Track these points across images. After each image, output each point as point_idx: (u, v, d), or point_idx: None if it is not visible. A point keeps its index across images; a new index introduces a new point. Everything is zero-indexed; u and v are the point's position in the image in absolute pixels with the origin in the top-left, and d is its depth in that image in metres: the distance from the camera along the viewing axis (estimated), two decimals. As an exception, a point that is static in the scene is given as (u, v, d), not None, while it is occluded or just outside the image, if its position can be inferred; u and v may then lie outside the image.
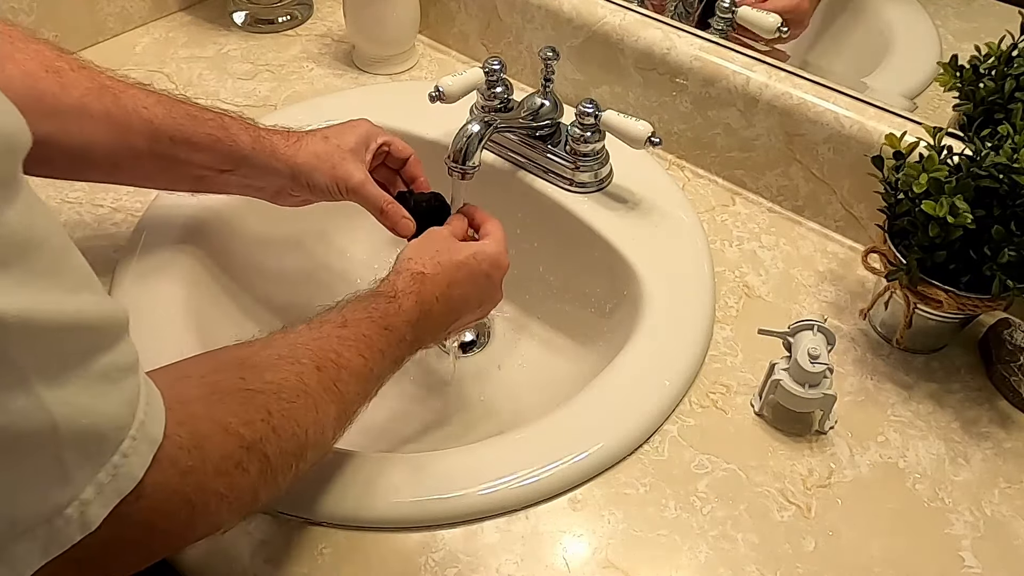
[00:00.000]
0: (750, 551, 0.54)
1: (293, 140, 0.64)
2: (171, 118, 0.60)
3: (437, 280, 0.58)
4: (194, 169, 0.62)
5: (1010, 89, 0.60)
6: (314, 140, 0.65)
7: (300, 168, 0.63)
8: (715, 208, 0.78)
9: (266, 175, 0.64)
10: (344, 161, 0.64)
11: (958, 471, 0.59)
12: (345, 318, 0.53)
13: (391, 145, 0.68)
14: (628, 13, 0.81)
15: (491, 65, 0.74)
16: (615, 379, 0.61)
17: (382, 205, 0.64)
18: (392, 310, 0.55)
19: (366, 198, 0.64)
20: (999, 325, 0.66)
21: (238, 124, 0.63)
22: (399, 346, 0.55)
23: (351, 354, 0.50)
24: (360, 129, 0.67)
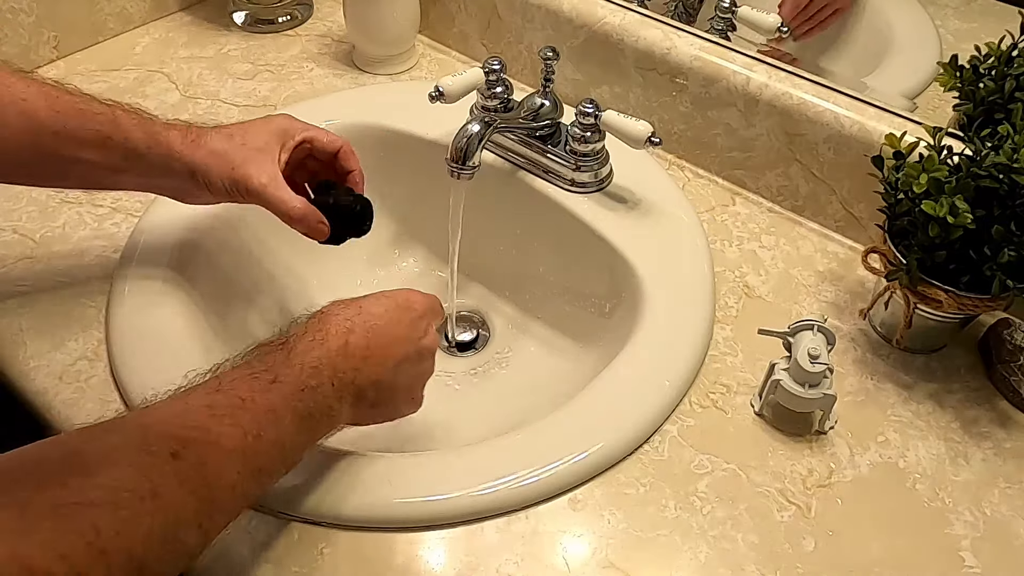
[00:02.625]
0: (750, 551, 0.54)
1: (192, 137, 0.59)
2: (54, 112, 0.54)
3: (347, 310, 0.52)
4: (83, 168, 0.57)
5: (1010, 89, 0.60)
6: (216, 138, 0.59)
7: (197, 167, 0.58)
8: (715, 208, 0.78)
9: (163, 175, 0.59)
10: (247, 161, 0.58)
11: (958, 471, 0.59)
12: (220, 381, 0.45)
13: (313, 141, 0.62)
14: (628, 13, 0.81)
15: (491, 65, 0.74)
16: (615, 379, 0.61)
17: (288, 210, 0.59)
18: (280, 359, 0.48)
19: (269, 202, 0.59)
20: (999, 325, 0.66)
21: (131, 119, 0.58)
22: (302, 398, 0.47)
23: (223, 427, 0.42)
24: (273, 125, 0.61)
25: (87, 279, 0.68)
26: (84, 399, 0.60)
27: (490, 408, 0.73)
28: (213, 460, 0.41)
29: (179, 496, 0.39)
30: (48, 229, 0.72)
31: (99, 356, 0.62)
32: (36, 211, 0.73)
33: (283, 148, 0.61)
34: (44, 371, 0.61)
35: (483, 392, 0.75)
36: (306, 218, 0.59)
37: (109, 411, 0.59)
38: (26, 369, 0.62)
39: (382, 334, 0.52)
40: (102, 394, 0.60)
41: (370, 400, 0.52)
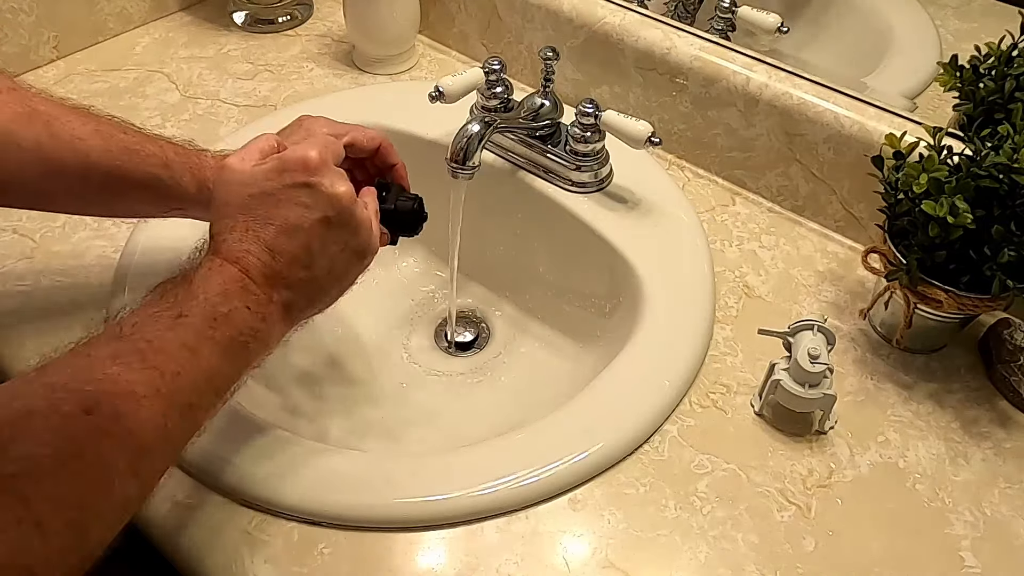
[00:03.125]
0: (750, 551, 0.54)
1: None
2: (107, 152, 0.55)
3: (235, 227, 0.48)
4: (134, 205, 0.59)
5: (1010, 89, 0.60)
6: None
7: None
8: (715, 208, 0.78)
9: (200, 211, 0.59)
10: None
11: (958, 471, 0.59)
12: (121, 327, 0.43)
13: (354, 144, 0.61)
14: (628, 13, 0.81)
15: (491, 65, 0.74)
16: (615, 379, 0.61)
17: None
18: (183, 294, 0.45)
19: None
20: (999, 325, 0.66)
21: (182, 161, 0.58)
22: (216, 327, 0.45)
23: (133, 373, 0.40)
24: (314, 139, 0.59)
25: (87, 279, 0.68)
26: (84, 399, 0.60)
27: (490, 408, 0.73)
28: (130, 409, 0.39)
29: (106, 451, 0.38)
30: (48, 229, 0.72)
31: (99, 356, 0.62)
32: (36, 212, 0.73)
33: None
34: (44, 371, 0.61)
35: (483, 392, 0.75)
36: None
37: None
38: (26, 369, 0.61)
39: (283, 231, 0.49)
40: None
41: (302, 303, 0.50)
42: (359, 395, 0.74)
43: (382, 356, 0.77)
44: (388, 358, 0.77)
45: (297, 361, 0.74)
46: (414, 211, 0.61)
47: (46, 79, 0.88)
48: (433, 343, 0.79)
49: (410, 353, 0.78)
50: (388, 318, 0.80)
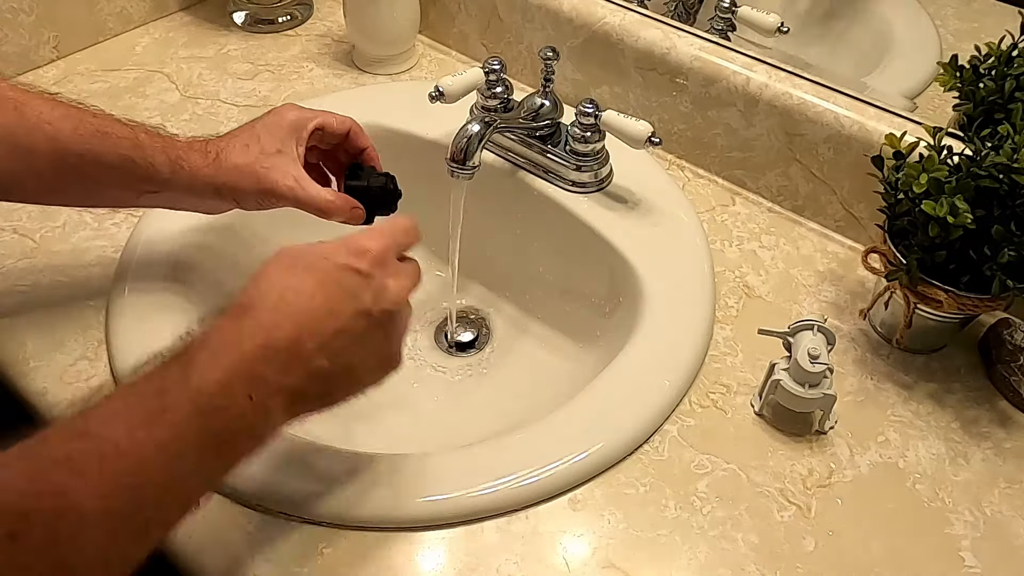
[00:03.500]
0: (750, 551, 0.54)
1: (212, 157, 0.59)
2: (78, 135, 0.54)
3: (267, 293, 0.43)
4: (108, 191, 0.58)
5: (1010, 89, 0.60)
6: (234, 152, 0.59)
7: (223, 187, 0.59)
8: (715, 208, 0.78)
9: (189, 198, 0.59)
10: (270, 169, 0.58)
11: (958, 471, 0.59)
12: (88, 421, 0.37)
13: (324, 127, 0.62)
14: (628, 13, 0.81)
15: (491, 65, 0.74)
16: (615, 379, 0.61)
17: (321, 206, 0.59)
18: (175, 378, 0.39)
19: (300, 203, 0.59)
20: (999, 325, 0.66)
21: (154, 142, 0.57)
22: (204, 425, 0.38)
23: (86, 486, 0.34)
24: (285, 123, 0.60)
25: (87, 279, 0.68)
26: (84, 399, 0.60)
27: (490, 408, 0.73)
28: (68, 533, 0.33)
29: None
30: (48, 229, 0.72)
31: (99, 356, 0.62)
32: (36, 211, 0.73)
33: (298, 142, 0.60)
34: (44, 371, 0.61)
35: (483, 392, 0.75)
36: (341, 209, 0.60)
37: (109, 411, 0.59)
38: (26, 369, 0.62)
39: (316, 315, 0.43)
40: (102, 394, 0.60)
41: (311, 397, 0.44)
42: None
43: (382, 356, 0.77)
44: (388, 358, 0.77)
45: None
46: (387, 189, 0.63)
47: (46, 79, 0.88)
48: (433, 343, 0.79)
49: (410, 353, 0.78)
50: (388, 318, 0.80)
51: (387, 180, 0.64)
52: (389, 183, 0.64)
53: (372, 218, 0.63)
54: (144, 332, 0.62)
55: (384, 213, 0.64)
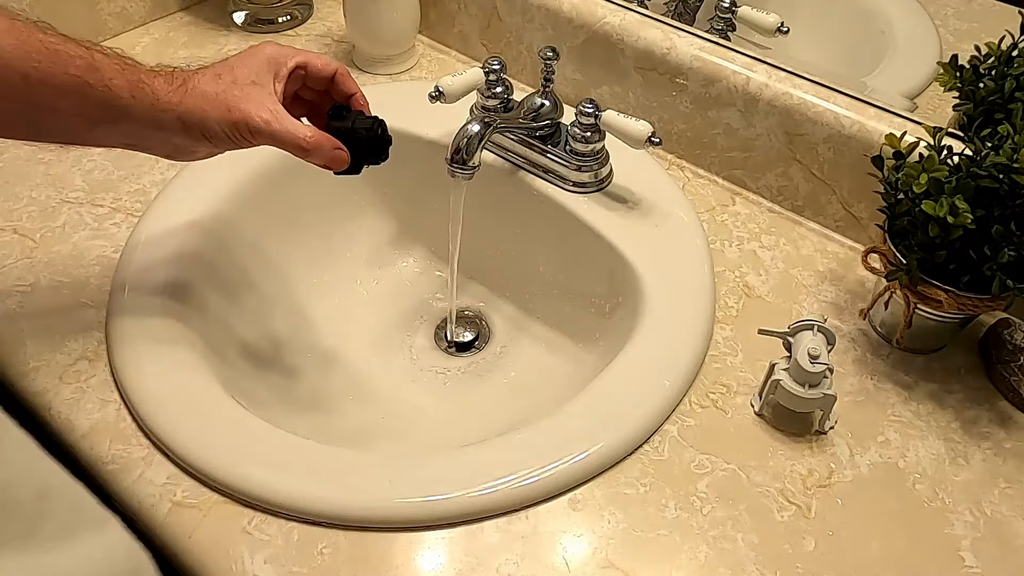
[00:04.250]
0: (750, 551, 0.54)
1: (178, 83, 0.53)
2: (24, 52, 0.48)
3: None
4: (59, 119, 0.51)
5: (1010, 89, 0.60)
6: (204, 79, 0.54)
7: (189, 116, 0.52)
8: (715, 208, 0.78)
9: (150, 129, 0.53)
10: (242, 99, 0.53)
11: (958, 471, 0.59)
12: None
13: (307, 65, 0.57)
14: (628, 13, 0.81)
15: (491, 65, 0.74)
16: (615, 379, 0.61)
17: (299, 141, 0.54)
18: None
19: (276, 137, 0.54)
20: (999, 325, 0.66)
21: (112, 64, 0.51)
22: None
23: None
24: (261, 56, 0.56)
25: (87, 279, 0.68)
26: (84, 399, 0.60)
27: (490, 408, 0.73)
28: None
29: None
30: (48, 229, 0.72)
31: (99, 356, 0.62)
32: (36, 211, 0.73)
33: (276, 78, 0.55)
34: (44, 371, 0.61)
35: (483, 392, 0.75)
36: (321, 147, 0.54)
37: (109, 411, 0.59)
38: (26, 369, 0.62)
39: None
40: (102, 394, 0.60)
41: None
42: (358, 395, 0.74)
43: (382, 356, 0.77)
44: (388, 358, 0.77)
45: (297, 361, 0.74)
46: (375, 132, 0.57)
47: (46, 79, 0.88)
48: (433, 343, 0.79)
49: (410, 353, 0.78)
50: (388, 318, 0.80)
51: (375, 123, 0.58)
52: (377, 127, 0.58)
53: (359, 166, 0.58)
54: (144, 332, 0.62)
55: (373, 162, 0.59)
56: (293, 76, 0.57)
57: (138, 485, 0.55)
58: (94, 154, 0.78)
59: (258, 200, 0.74)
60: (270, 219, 0.76)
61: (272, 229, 0.77)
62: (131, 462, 0.56)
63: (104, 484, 0.56)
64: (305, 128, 0.54)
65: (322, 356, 0.75)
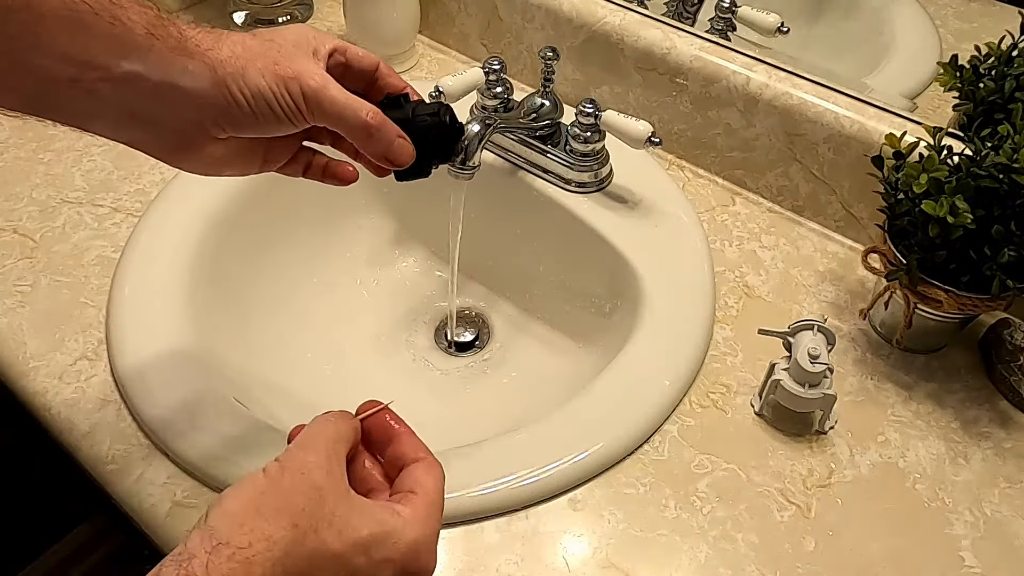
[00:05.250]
0: (750, 551, 0.54)
1: (213, 33, 0.42)
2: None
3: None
4: (45, 62, 0.37)
5: (1010, 89, 0.60)
6: (238, 35, 0.43)
7: (225, 65, 0.40)
8: (715, 208, 0.78)
9: (168, 88, 0.39)
10: (290, 58, 0.42)
11: (958, 471, 0.59)
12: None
13: (347, 52, 0.47)
14: (628, 13, 0.81)
15: (491, 65, 0.74)
16: (615, 379, 0.61)
17: (363, 115, 0.43)
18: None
19: (335, 106, 0.43)
20: (999, 325, 0.66)
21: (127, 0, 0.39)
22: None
23: None
24: (298, 30, 0.45)
25: (87, 279, 0.68)
26: (84, 399, 0.60)
27: (490, 408, 0.73)
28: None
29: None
30: (48, 229, 0.72)
31: (99, 356, 0.62)
32: (36, 211, 0.73)
33: (316, 55, 0.45)
34: (44, 371, 0.61)
35: (483, 392, 0.75)
36: (387, 127, 0.44)
37: (109, 411, 0.59)
38: (26, 369, 0.62)
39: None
40: (102, 394, 0.60)
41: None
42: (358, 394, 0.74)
43: (382, 356, 0.77)
44: (388, 358, 0.77)
45: (297, 361, 0.74)
46: (439, 120, 0.47)
47: (46, 79, 0.88)
48: (433, 343, 0.79)
49: (410, 353, 0.78)
50: (388, 318, 0.80)
51: (440, 109, 0.47)
52: (444, 114, 0.47)
53: (426, 165, 0.47)
54: (144, 332, 0.62)
55: (441, 159, 0.49)
56: (332, 62, 0.46)
57: (138, 485, 0.55)
58: (94, 154, 0.78)
59: (258, 200, 0.74)
60: (270, 219, 0.76)
61: (272, 229, 0.77)
62: (131, 462, 0.56)
63: (104, 484, 0.56)
64: (366, 104, 0.44)
65: (322, 356, 0.75)
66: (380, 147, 0.45)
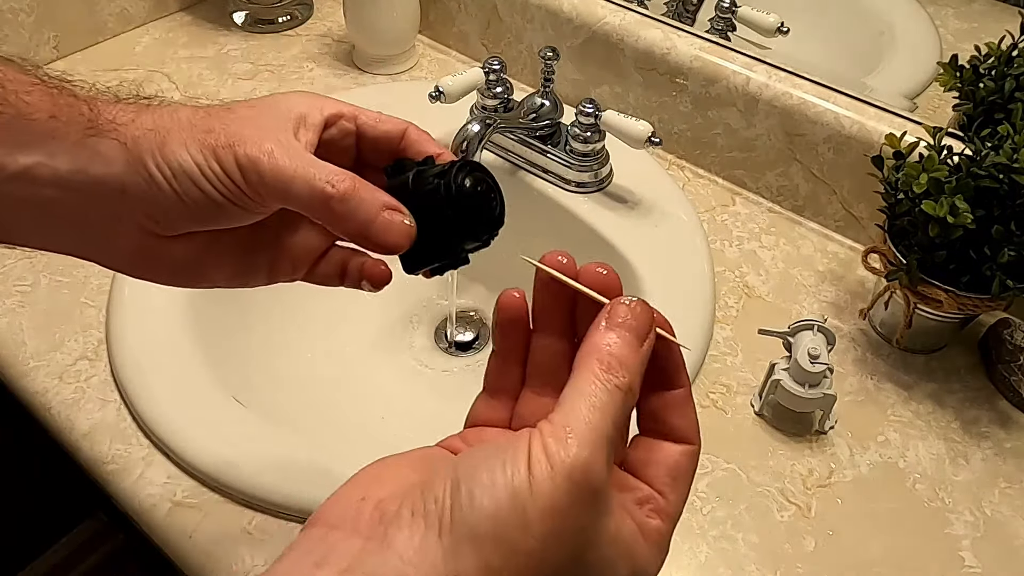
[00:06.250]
0: (750, 551, 0.54)
1: (142, 104, 0.35)
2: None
3: None
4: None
5: (1010, 89, 0.60)
6: (187, 109, 0.35)
7: (140, 141, 0.33)
8: (715, 208, 0.78)
9: (82, 180, 0.32)
10: (235, 123, 0.34)
11: (958, 471, 0.59)
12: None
13: (358, 118, 0.38)
14: (628, 13, 0.81)
15: (491, 65, 0.74)
16: (615, 379, 0.61)
17: (320, 184, 0.33)
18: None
19: (282, 178, 0.33)
20: (999, 325, 0.66)
21: (29, 79, 0.33)
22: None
23: None
24: (285, 100, 0.36)
25: (87, 279, 0.68)
26: (84, 399, 0.60)
27: (490, 408, 0.73)
28: None
29: None
30: (48, 229, 0.72)
31: (99, 356, 0.62)
32: (36, 211, 0.73)
33: (303, 124, 0.36)
34: (44, 371, 0.61)
35: (483, 392, 0.75)
36: (352, 202, 0.33)
37: (109, 411, 0.59)
38: (26, 369, 0.62)
39: None
40: (102, 394, 0.60)
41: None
42: (359, 394, 0.74)
43: (382, 356, 0.77)
44: (389, 358, 0.77)
45: (296, 361, 0.74)
46: (453, 183, 0.34)
47: (46, 79, 0.88)
48: (433, 343, 0.79)
49: (410, 353, 0.78)
50: (389, 318, 0.80)
51: (454, 168, 0.34)
52: (460, 173, 0.34)
53: (449, 247, 0.37)
54: (144, 332, 0.62)
55: (472, 239, 0.37)
56: (335, 132, 0.38)
57: (138, 485, 0.55)
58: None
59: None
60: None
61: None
62: (131, 462, 0.56)
63: (104, 484, 0.56)
64: (332, 167, 0.34)
65: (322, 356, 0.75)
66: (353, 225, 0.34)
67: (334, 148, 0.37)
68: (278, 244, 0.39)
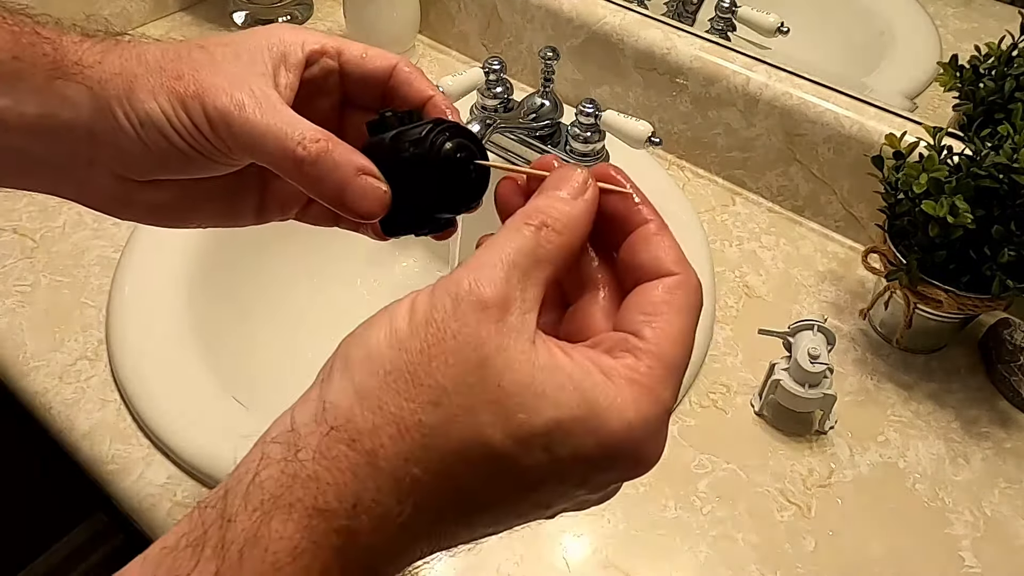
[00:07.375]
0: (750, 551, 0.54)
1: (110, 42, 0.33)
2: None
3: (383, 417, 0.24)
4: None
5: (1010, 89, 0.60)
6: (155, 47, 0.33)
7: (106, 85, 0.31)
8: (715, 208, 0.78)
9: (52, 124, 0.32)
10: (205, 69, 0.32)
11: (958, 471, 0.59)
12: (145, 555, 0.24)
13: (342, 54, 0.35)
14: (628, 13, 0.81)
15: (491, 65, 0.74)
16: (615, 379, 0.61)
17: (292, 147, 0.31)
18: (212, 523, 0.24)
19: (253, 133, 0.31)
20: (999, 325, 0.66)
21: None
22: None
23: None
24: (260, 36, 0.34)
25: (87, 279, 0.68)
26: (84, 399, 0.60)
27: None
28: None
29: None
30: (48, 229, 0.72)
31: (99, 356, 0.62)
32: (36, 211, 0.73)
33: (284, 64, 0.34)
34: (44, 371, 0.61)
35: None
36: (324, 165, 0.31)
37: (109, 411, 0.59)
38: (26, 369, 0.62)
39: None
40: (102, 394, 0.60)
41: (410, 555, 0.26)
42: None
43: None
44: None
45: (297, 361, 0.74)
46: (431, 147, 0.31)
47: (46, 79, 0.88)
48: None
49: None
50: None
51: (433, 130, 0.32)
52: (439, 136, 0.32)
53: (427, 215, 0.35)
54: (144, 332, 0.62)
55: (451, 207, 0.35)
56: (317, 70, 0.35)
57: (138, 485, 0.55)
58: (94, 154, 0.78)
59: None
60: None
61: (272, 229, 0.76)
62: (131, 462, 0.56)
63: (104, 484, 0.56)
64: (305, 125, 0.32)
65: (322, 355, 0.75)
66: (325, 189, 0.31)
67: (317, 88, 0.35)
68: (264, 187, 0.38)
